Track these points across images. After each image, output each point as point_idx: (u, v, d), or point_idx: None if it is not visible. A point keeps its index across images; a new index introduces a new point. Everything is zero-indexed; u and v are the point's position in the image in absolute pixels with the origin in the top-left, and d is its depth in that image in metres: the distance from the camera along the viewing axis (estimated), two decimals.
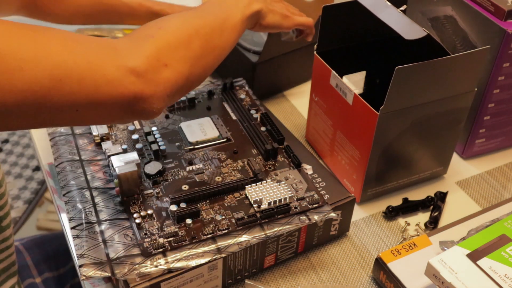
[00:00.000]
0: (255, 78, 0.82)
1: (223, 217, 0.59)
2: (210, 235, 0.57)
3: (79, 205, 0.59)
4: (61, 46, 0.45)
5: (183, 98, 0.74)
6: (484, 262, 0.55)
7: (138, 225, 0.57)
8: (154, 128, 0.69)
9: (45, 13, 0.79)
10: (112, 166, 0.60)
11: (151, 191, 0.61)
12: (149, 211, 0.58)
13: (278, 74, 0.87)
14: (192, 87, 0.55)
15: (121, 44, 0.49)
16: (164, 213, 0.59)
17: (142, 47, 0.49)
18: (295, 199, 0.61)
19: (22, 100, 0.43)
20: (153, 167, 0.63)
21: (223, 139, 0.69)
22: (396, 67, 0.58)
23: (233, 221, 0.58)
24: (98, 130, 0.67)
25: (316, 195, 0.62)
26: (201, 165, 0.65)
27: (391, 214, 0.69)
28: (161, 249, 0.55)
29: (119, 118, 0.50)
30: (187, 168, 0.64)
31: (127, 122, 0.61)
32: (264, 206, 0.59)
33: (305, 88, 0.91)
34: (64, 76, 0.44)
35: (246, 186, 0.61)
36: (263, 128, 0.70)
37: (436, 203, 0.71)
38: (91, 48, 0.47)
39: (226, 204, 0.60)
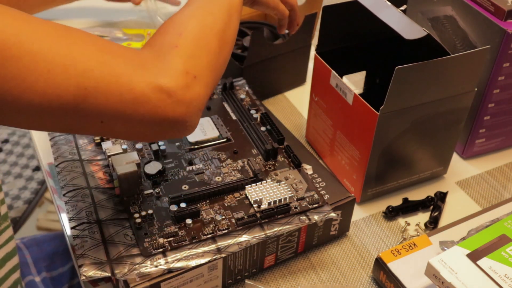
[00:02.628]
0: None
1: (223, 217, 0.59)
2: (210, 235, 0.57)
3: (79, 205, 0.59)
4: (90, 54, 0.44)
5: None
6: (484, 262, 0.55)
7: (138, 225, 0.57)
8: None
9: None
10: (112, 166, 0.60)
11: (151, 191, 0.61)
12: (149, 211, 0.58)
13: (268, 77, 0.86)
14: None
15: (147, 58, 0.47)
16: (164, 213, 0.59)
17: (169, 61, 0.47)
18: (295, 199, 0.61)
19: (47, 103, 0.42)
20: (153, 167, 0.63)
21: (223, 139, 0.69)
22: (396, 67, 0.58)
23: (233, 221, 0.58)
24: None
25: (316, 195, 0.62)
26: (201, 165, 0.65)
27: (391, 214, 0.69)
28: (161, 249, 0.55)
29: (151, 136, 0.49)
30: (187, 168, 0.64)
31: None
32: (264, 206, 0.59)
33: (305, 88, 0.91)
34: (90, 86, 0.43)
35: (246, 186, 0.61)
36: (263, 128, 0.70)
37: (436, 203, 0.71)
38: (119, 59, 0.45)
39: (226, 204, 0.60)
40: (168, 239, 0.56)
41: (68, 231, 0.62)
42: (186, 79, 0.47)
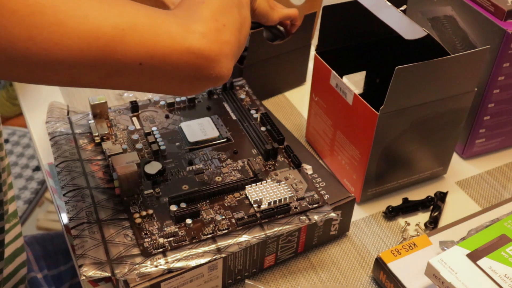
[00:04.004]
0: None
1: (223, 217, 0.59)
2: (210, 235, 0.57)
3: (79, 205, 0.59)
4: (128, 5, 0.46)
5: (183, 98, 0.74)
6: (484, 262, 0.55)
7: (138, 225, 0.57)
8: (154, 128, 0.69)
9: None
10: (112, 166, 0.60)
11: (151, 191, 0.61)
12: (149, 211, 0.58)
13: (268, 78, 0.86)
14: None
15: (178, 12, 0.50)
16: (164, 213, 0.59)
17: (198, 12, 0.49)
18: (295, 199, 0.61)
19: (87, 47, 0.43)
20: (153, 167, 0.63)
21: (223, 139, 0.69)
22: (396, 67, 0.58)
23: (233, 221, 0.58)
24: (98, 130, 0.67)
25: (316, 195, 0.62)
26: (201, 165, 0.65)
27: (391, 214, 0.69)
28: (161, 249, 0.55)
29: (188, 81, 0.50)
30: (187, 168, 0.64)
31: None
32: (264, 206, 0.59)
33: (305, 88, 0.91)
34: (127, 26, 0.45)
35: (246, 186, 0.61)
36: (263, 128, 0.70)
37: (436, 203, 0.71)
38: (150, 9, 0.48)
39: (226, 204, 0.60)
40: (168, 239, 0.56)
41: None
42: (216, 24, 0.49)
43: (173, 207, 0.58)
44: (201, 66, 0.48)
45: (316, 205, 0.61)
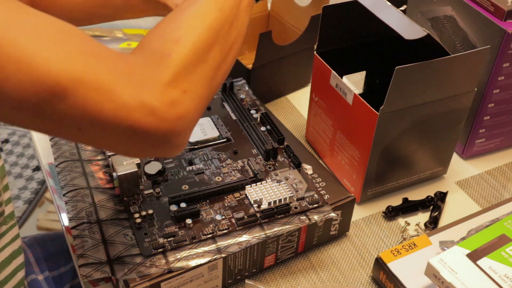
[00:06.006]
0: (251, 83, 0.81)
1: (223, 217, 0.59)
2: (210, 235, 0.57)
3: (79, 205, 0.59)
4: (75, 53, 0.41)
5: None
6: (484, 262, 0.55)
7: (138, 225, 0.57)
8: None
9: None
10: (112, 166, 0.60)
11: (151, 191, 0.61)
12: (149, 211, 0.58)
13: (276, 79, 0.86)
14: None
15: (135, 66, 0.43)
16: (164, 213, 0.59)
17: (157, 73, 0.43)
18: (295, 199, 0.61)
19: (24, 97, 0.40)
20: (153, 167, 0.63)
21: (223, 139, 0.69)
22: (396, 67, 0.58)
23: (233, 221, 0.58)
24: None
25: (316, 195, 0.62)
26: (201, 165, 0.65)
27: (391, 214, 0.69)
28: (161, 249, 0.55)
29: (134, 152, 0.45)
30: (187, 168, 0.65)
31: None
32: (264, 206, 0.59)
33: (305, 89, 0.91)
34: (70, 87, 0.40)
35: (246, 186, 0.61)
36: (263, 128, 0.70)
37: (436, 203, 0.71)
38: (104, 64, 0.42)
39: (226, 204, 0.60)
40: (168, 239, 0.56)
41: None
42: (174, 94, 0.43)
43: (173, 207, 0.58)
44: (146, 144, 0.44)
45: (316, 205, 0.61)
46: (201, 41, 0.46)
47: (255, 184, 0.62)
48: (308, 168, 0.66)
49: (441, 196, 0.71)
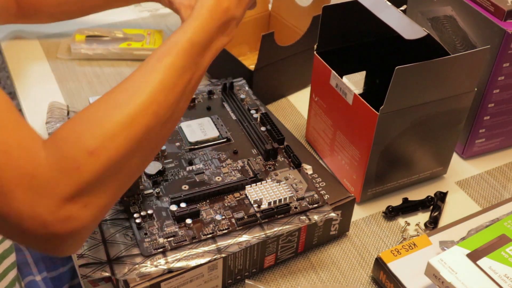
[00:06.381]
0: (253, 85, 0.81)
1: (223, 217, 0.59)
2: (210, 235, 0.57)
3: None
4: None
5: None
6: (484, 262, 0.55)
7: (138, 225, 0.57)
8: None
9: (30, 14, 0.78)
10: None
11: (151, 191, 0.61)
12: (149, 211, 0.58)
13: (277, 80, 0.86)
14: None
15: (41, 169, 0.40)
16: (164, 213, 0.59)
17: (61, 185, 0.40)
18: (295, 199, 0.61)
19: None
20: (153, 167, 0.63)
21: (223, 139, 0.69)
22: (396, 67, 0.58)
23: (233, 221, 0.58)
24: None
25: (316, 195, 0.62)
26: (201, 165, 0.65)
27: (391, 214, 0.69)
28: (161, 249, 0.55)
29: (19, 242, 0.44)
30: (187, 168, 0.64)
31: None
32: (264, 206, 0.59)
33: (306, 89, 0.91)
34: None
35: (246, 186, 0.61)
36: (263, 128, 0.70)
37: (436, 203, 0.71)
38: (12, 159, 0.39)
39: (226, 204, 0.60)
40: (168, 239, 0.56)
41: None
42: (71, 210, 0.40)
43: (173, 207, 0.58)
44: (32, 245, 0.42)
45: (316, 205, 0.61)
46: (119, 154, 0.42)
47: (255, 184, 0.62)
48: (308, 168, 0.66)
49: (441, 196, 0.71)
